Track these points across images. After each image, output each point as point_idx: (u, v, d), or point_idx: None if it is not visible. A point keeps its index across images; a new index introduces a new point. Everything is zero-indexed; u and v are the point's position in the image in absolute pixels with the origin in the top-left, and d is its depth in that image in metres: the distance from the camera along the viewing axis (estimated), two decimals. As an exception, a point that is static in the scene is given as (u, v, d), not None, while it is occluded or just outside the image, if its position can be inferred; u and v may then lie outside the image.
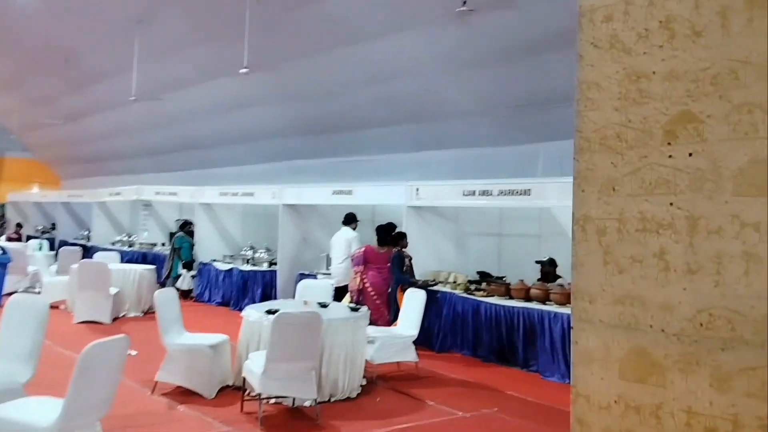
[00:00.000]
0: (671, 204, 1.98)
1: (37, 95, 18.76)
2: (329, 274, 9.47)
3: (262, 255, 11.58)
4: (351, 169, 11.62)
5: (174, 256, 12.00)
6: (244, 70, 10.05)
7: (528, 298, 7.56)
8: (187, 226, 12.35)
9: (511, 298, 7.76)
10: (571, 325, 2.23)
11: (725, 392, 1.85)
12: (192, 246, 12.12)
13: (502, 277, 8.54)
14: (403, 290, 7.77)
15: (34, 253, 13.41)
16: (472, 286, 8.17)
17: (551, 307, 7.23)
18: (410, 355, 6.77)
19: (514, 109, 9.81)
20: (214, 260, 12.24)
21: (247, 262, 11.64)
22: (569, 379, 7.36)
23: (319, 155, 12.73)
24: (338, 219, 9.81)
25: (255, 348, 5.88)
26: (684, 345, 1.94)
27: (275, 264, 11.11)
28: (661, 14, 2.04)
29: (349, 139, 11.75)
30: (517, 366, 7.47)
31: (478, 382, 6.85)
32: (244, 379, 5.60)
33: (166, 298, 6.28)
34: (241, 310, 11.01)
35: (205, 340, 6.18)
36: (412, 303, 7.06)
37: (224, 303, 11.59)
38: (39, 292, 10.87)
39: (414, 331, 6.84)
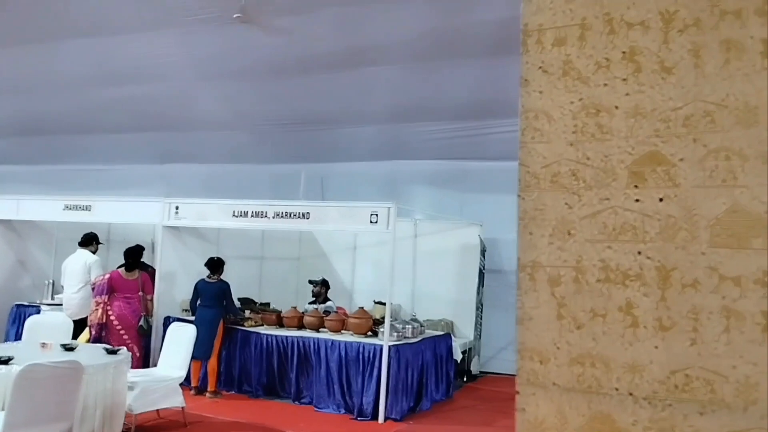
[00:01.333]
0: (639, 253, 1.80)
1: None
2: (59, 305, 7.94)
3: (-42, 281, 9.31)
4: (82, 180, 10.08)
5: None
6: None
7: (301, 326, 7.19)
8: None
9: (282, 326, 7.30)
10: (516, 389, 1.92)
11: (705, 460, 1.70)
12: None
13: (266, 304, 8.04)
14: (228, 323, 7.29)
15: None
16: (239, 317, 7.50)
17: (326, 335, 6.95)
18: (177, 400, 5.87)
19: (276, 127, 9.43)
20: None
21: (-64, 291, 9.26)
22: (344, 409, 7.11)
23: (37, 161, 10.82)
24: (67, 238, 8.35)
25: (-22, 409, 4.53)
26: (656, 410, 1.76)
27: (-22, 292, 9.02)
28: (623, 45, 1.86)
29: (81, 145, 10.19)
30: (288, 399, 7.04)
31: (252, 422, 6.24)
32: (-37, 453, 4.25)
33: None
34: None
35: None
36: (179, 339, 6.17)
37: None
38: None
39: (181, 371, 5.96)
